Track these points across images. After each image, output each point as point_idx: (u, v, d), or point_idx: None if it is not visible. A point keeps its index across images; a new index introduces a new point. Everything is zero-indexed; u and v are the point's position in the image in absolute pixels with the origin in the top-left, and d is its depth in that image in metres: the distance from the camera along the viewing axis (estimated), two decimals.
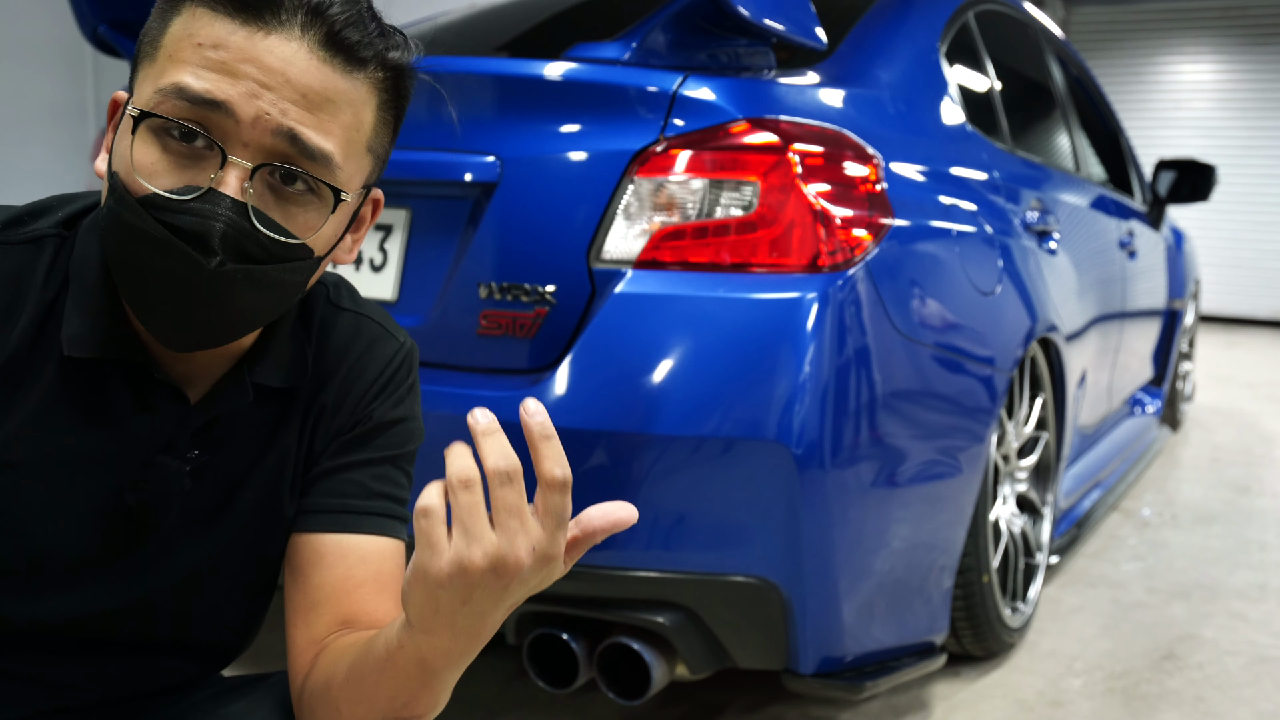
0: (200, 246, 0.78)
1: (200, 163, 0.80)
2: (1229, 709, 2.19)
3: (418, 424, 1.04)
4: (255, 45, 0.79)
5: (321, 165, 0.82)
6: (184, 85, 0.79)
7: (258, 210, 0.81)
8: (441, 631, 0.75)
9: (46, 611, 0.91)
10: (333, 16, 0.81)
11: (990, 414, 2.06)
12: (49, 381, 0.86)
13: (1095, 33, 10.73)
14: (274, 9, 0.80)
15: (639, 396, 1.60)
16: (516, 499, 0.72)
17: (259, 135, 0.80)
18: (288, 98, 0.80)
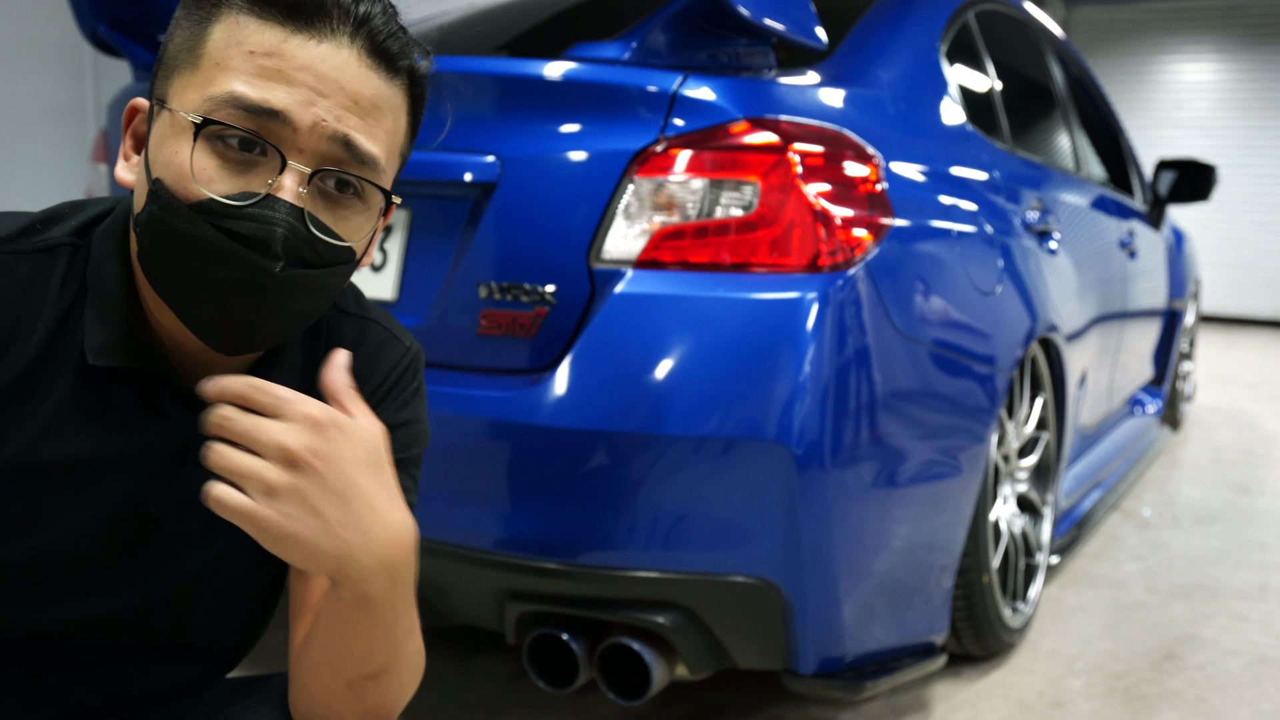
0: (263, 251, 0.80)
1: (254, 169, 0.81)
2: (1229, 709, 2.19)
3: (423, 427, 1.04)
4: (309, 52, 0.81)
5: (370, 169, 0.84)
6: (240, 94, 0.79)
7: (312, 215, 0.82)
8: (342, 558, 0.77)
9: (54, 616, 0.91)
10: (376, 26, 0.83)
11: (990, 414, 2.06)
12: (65, 389, 0.87)
13: (1095, 33, 10.73)
14: (324, 17, 0.81)
15: (639, 396, 1.60)
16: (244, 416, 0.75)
17: (315, 141, 0.81)
18: (341, 104, 0.82)
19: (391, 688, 0.88)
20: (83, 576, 0.91)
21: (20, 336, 0.85)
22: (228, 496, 0.74)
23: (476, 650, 2.24)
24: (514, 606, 1.71)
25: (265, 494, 0.74)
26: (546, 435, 1.61)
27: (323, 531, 0.75)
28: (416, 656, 0.90)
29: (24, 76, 4.03)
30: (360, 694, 0.86)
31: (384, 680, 0.86)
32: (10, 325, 0.85)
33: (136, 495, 0.90)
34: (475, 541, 1.68)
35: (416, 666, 0.91)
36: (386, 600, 0.80)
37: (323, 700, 0.88)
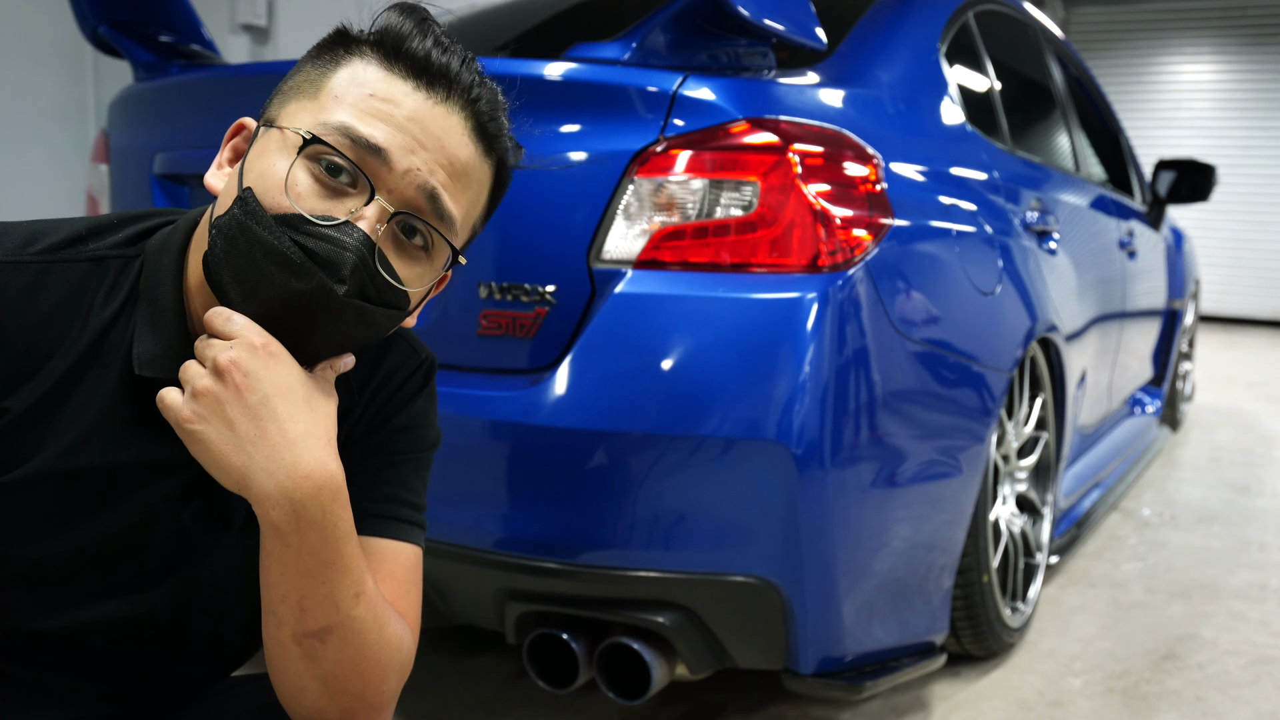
0: (332, 273, 0.83)
1: (340, 198, 0.86)
2: (1229, 709, 2.19)
3: (434, 429, 1.07)
4: (424, 110, 0.88)
5: (447, 226, 0.90)
6: (350, 126, 0.85)
7: (381, 252, 0.86)
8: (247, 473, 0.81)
9: (67, 617, 0.92)
10: (484, 109, 0.92)
11: (990, 414, 2.06)
12: (108, 396, 0.88)
13: (1095, 33, 10.73)
14: (446, 86, 0.89)
15: (639, 396, 1.60)
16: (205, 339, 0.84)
17: (404, 186, 0.87)
18: (438, 160, 0.88)
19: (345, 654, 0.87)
20: (100, 578, 0.92)
21: (65, 343, 0.87)
22: (166, 393, 0.83)
23: (476, 650, 2.24)
24: (514, 606, 1.71)
25: (191, 395, 0.81)
26: (546, 435, 1.62)
27: (231, 443, 0.81)
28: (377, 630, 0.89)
29: (25, 77, 4.03)
30: (310, 654, 0.86)
31: (331, 643, 0.86)
32: (58, 333, 0.87)
33: (171, 503, 0.92)
34: (475, 541, 1.68)
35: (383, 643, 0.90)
36: (296, 534, 0.82)
37: (280, 662, 0.88)
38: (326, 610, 0.85)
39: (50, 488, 0.87)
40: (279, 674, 0.89)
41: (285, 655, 0.88)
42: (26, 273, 0.87)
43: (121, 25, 2.31)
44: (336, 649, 0.87)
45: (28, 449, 0.86)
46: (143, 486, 0.90)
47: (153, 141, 2.22)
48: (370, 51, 0.89)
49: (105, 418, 0.88)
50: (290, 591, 0.85)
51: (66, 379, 0.87)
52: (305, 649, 0.86)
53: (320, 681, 0.88)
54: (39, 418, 0.86)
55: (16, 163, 4.00)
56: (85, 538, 0.89)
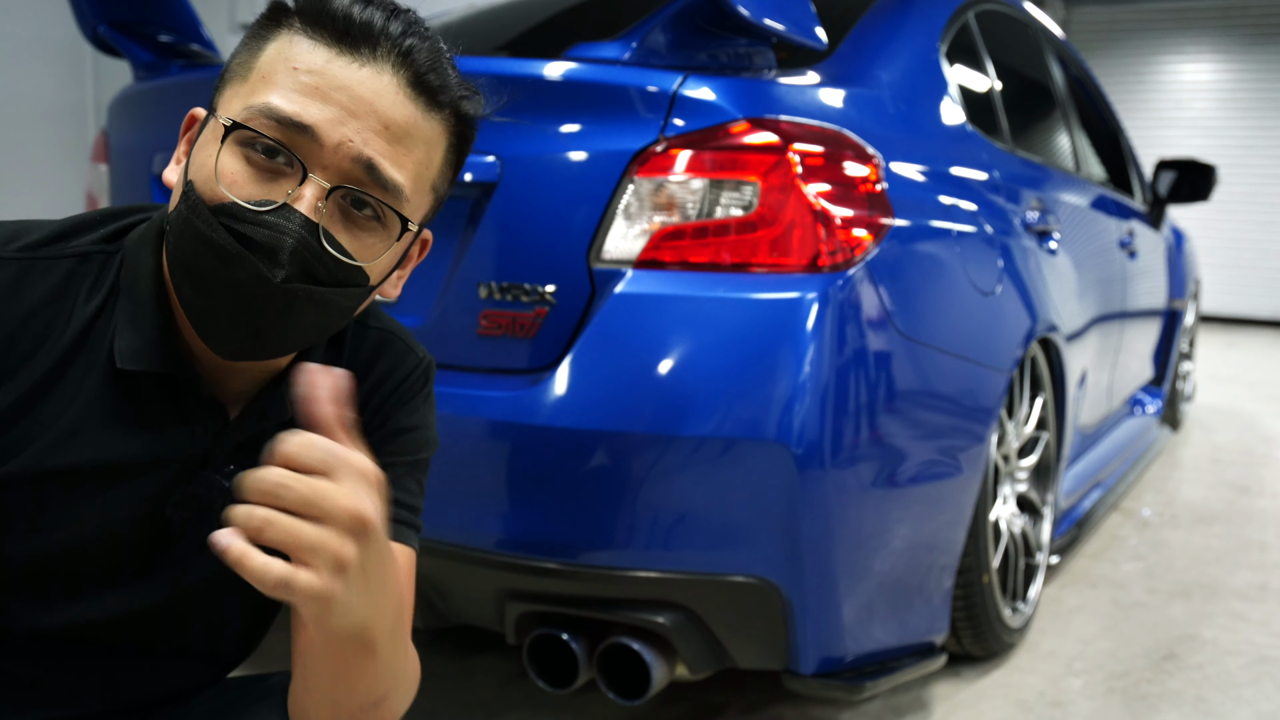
0: (269, 260, 0.81)
1: (278, 179, 0.83)
2: (1229, 709, 2.19)
3: (431, 434, 1.06)
4: (349, 75, 0.83)
5: (392, 195, 0.86)
6: (274, 106, 0.82)
7: (326, 231, 0.84)
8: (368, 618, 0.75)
9: (61, 614, 0.92)
10: (420, 61, 0.86)
11: (990, 414, 2.06)
12: (92, 392, 0.88)
13: (1095, 33, 10.73)
14: (371, 44, 0.84)
15: (639, 396, 1.60)
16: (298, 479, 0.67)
17: (339, 160, 0.83)
18: (371, 128, 0.84)
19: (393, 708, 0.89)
20: (94, 577, 0.92)
21: (49, 339, 0.87)
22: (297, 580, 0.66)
23: (476, 650, 2.24)
24: (514, 606, 1.71)
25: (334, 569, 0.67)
26: (546, 435, 1.61)
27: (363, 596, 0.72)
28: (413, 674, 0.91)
29: (24, 77, 4.02)
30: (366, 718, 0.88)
31: (385, 705, 0.88)
32: (42, 329, 0.86)
33: (156, 498, 0.92)
34: (475, 541, 1.68)
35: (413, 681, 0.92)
36: (387, 643, 0.81)
37: None
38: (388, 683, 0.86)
39: (36, 485, 0.86)
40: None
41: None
42: (8, 270, 0.86)
43: (121, 25, 2.31)
44: (387, 708, 0.88)
45: (13, 446, 0.85)
46: (129, 482, 0.90)
47: (153, 141, 2.22)
48: (297, 22, 0.85)
49: (90, 414, 0.88)
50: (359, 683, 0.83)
51: (51, 375, 0.86)
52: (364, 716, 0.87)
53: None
54: (23, 414, 0.85)
55: (16, 163, 4.00)
56: (74, 535, 0.89)
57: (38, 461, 0.86)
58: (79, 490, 0.88)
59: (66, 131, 4.16)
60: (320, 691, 0.86)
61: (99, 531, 0.90)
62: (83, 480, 0.88)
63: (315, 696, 0.87)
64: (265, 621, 1.08)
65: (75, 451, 0.87)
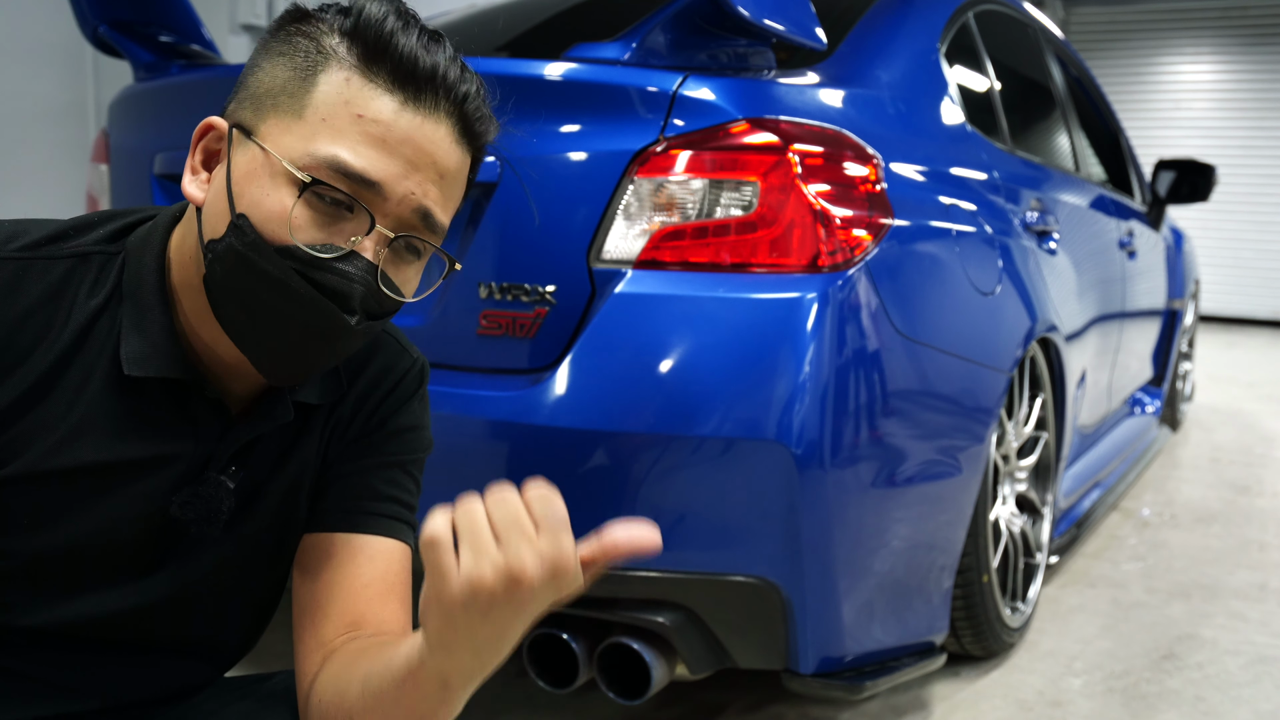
0: (343, 305, 0.84)
1: (339, 223, 0.85)
2: (1229, 709, 2.19)
3: (427, 434, 1.07)
4: (414, 128, 0.85)
5: (437, 236, 0.89)
6: (345, 162, 0.83)
7: (384, 274, 0.86)
8: (462, 651, 0.74)
9: (62, 612, 0.92)
10: (470, 109, 0.88)
11: (990, 414, 2.06)
12: (94, 393, 0.88)
13: (1095, 33, 10.73)
14: (433, 92, 0.85)
15: (639, 396, 1.60)
16: (514, 510, 0.70)
17: (400, 210, 0.86)
18: (430, 179, 0.87)
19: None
20: (95, 575, 0.92)
21: (48, 338, 0.87)
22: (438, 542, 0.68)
23: None
24: None
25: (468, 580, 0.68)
26: (547, 435, 1.62)
27: (469, 632, 0.72)
28: None
29: (25, 77, 4.02)
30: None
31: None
32: (40, 329, 0.87)
33: (160, 499, 0.92)
34: None
35: None
36: (464, 690, 0.80)
37: None
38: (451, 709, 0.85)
39: (37, 484, 0.87)
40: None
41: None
42: (7, 269, 0.86)
43: (121, 25, 2.31)
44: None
45: (13, 445, 0.85)
46: (133, 482, 0.90)
47: (153, 141, 2.22)
48: (347, 53, 0.84)
49: (94, 415, 0.88)
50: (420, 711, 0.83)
51: (50, 374, 0.86)
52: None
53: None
54: (23, 413, 0.86)
55: (16, 163, 4.00)
56: (76, 534, 0.89)
57: (40, 461, 0.86)
58: (81, 490, 0.88)
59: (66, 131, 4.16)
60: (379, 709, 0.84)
61: (101, 530, 0.90)
62: (85, 480, 0.88)
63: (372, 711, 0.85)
64: (264, 620, 1.08)
65: (79, 452, 0.87)
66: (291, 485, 0.99)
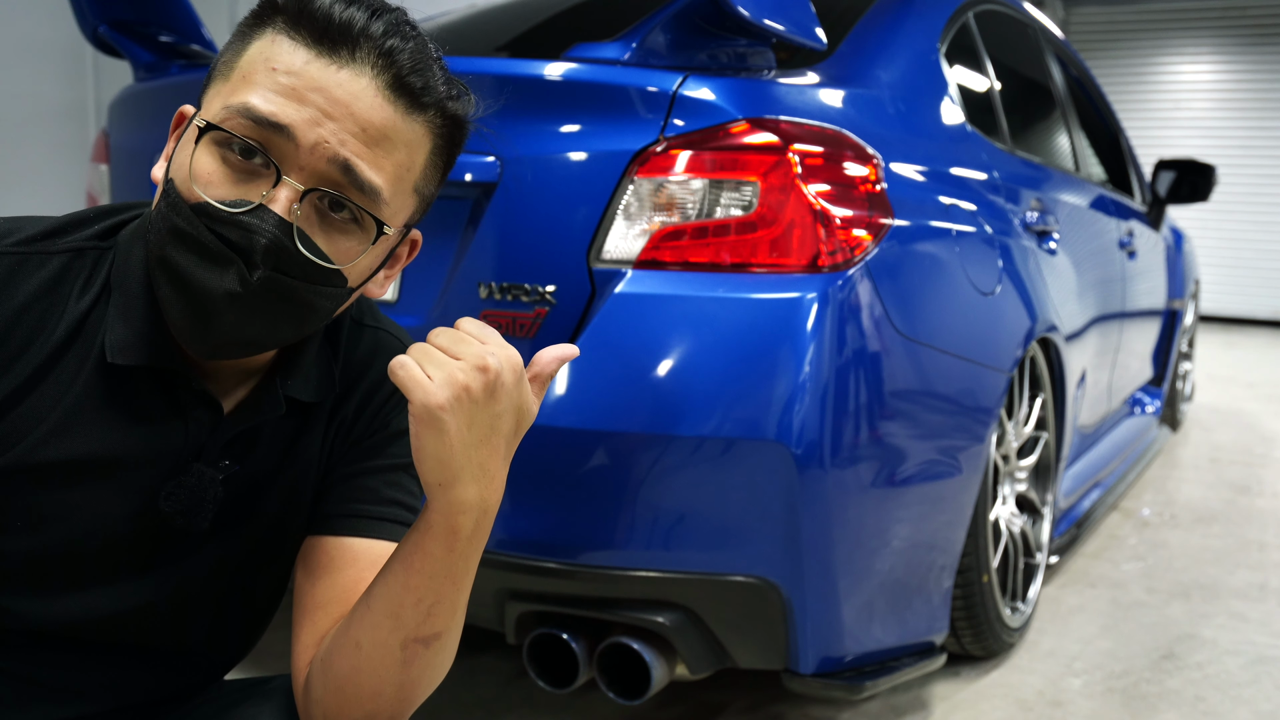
0: (244, 258, 0.82)
1: (255, 180, 0.84)
2: (1229, 709, 2.19)
3: None
4: (327, 76, 0.83)
5: (369, 198, 0.86)
6: (251, 105, 0.82)
7: (301, 232, 0.84)
8: (461, 474, 0.81)
9: (59, 612, 0.92)
10: (402, 61, 0.85)
11: (990, 414, 2.06)
12: (84, 387, 0.88)
13: (1095, 33, 10.73)
14: (351, 46, 0.84)
15: (639, 397, 1.60)
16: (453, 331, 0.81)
17: (315, 161, 0.83)
18: (348, 129, 0.84)
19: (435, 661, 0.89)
20: (91, 574, 0.92)
21: (42, 334, 0.87)
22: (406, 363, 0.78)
23: (476, 650, 2.24)
24: (514, 606, 1.71)
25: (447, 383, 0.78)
26: (546, 435, 1.62)
27: (462, 443, 0.79)
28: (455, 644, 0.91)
29: (25, 77, 4.02)
30: (410, 657, 0.87)
31: (434, 648, 0.88)
32: (35, 323, 0.87)
33: (150, 492, 0.92)
34: None
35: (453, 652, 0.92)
36: (468, 542, 0.83)
37: (371, 661, 0.87)
38: (448, 616, 0.86)
39: (28, 479, 0.86)
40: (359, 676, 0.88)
41: (383, 659, 0.87)
42: (2, 265, 0.86)
43: (121, 25, 2.31)
44: (434, 655, 0.88)
45: (5, 439, 0.85)
46: (123, 475, 0.90)
47: (153, 141, 2.22)
48: (280, 21, 0.85)
49: (83, 408, 0.88)
50: (428, 594, 0.84)
51: (43, 369, 0.87)
52: (409, 653, 0.87)
53: (399, 687, 0.88)
54: (15, 407, 0.86)
55: (16, 163, 4.00)
56: (69, 529, 0.89)
57: (30, 455, 0.86)
58: (73, 484, 0.88)
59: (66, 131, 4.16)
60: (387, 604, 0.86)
61: (95, 526, 0.90)
62: (76, 474, 0.88)
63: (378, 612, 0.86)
64: (264, 621, 1.08)
65: (68, 446, 0.87)
66: (292, 485, 0.99)
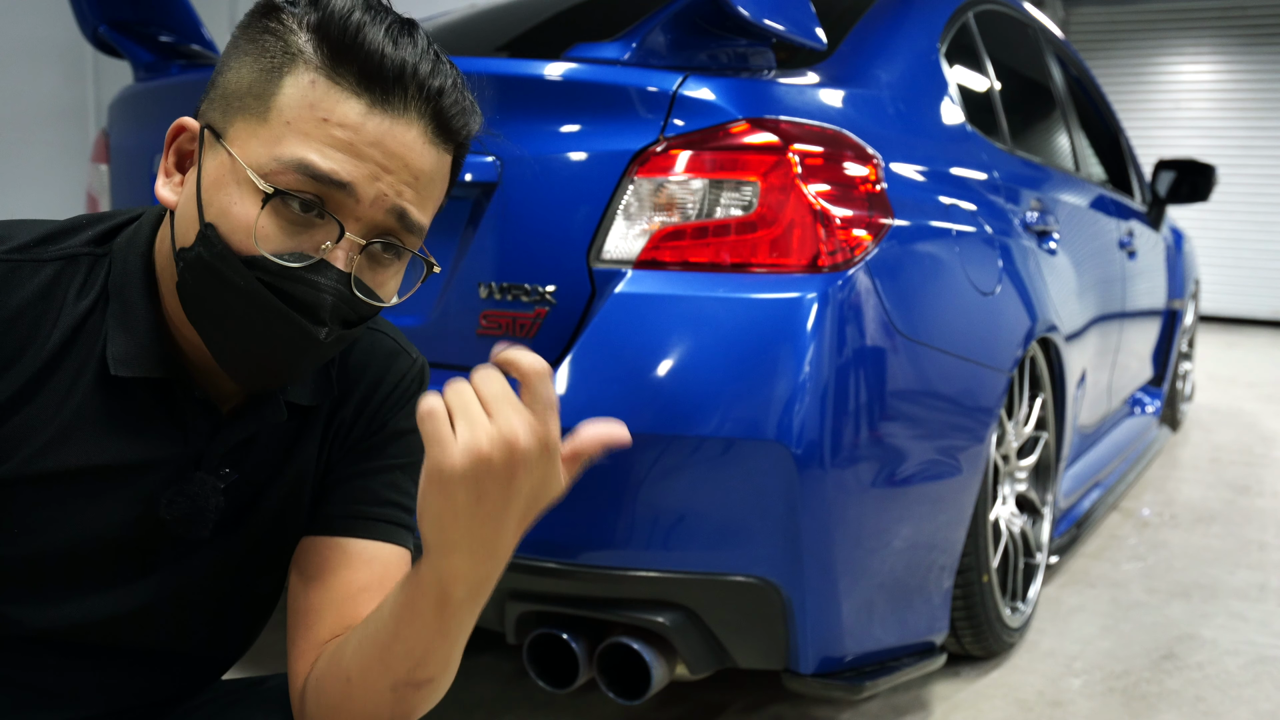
0: (312, 317, 0.82)
1: (309, 230, 0.82)
2: (1228, 709, 2.19)
3: None
4: (382, 131, 0.82)
5: (416, 236, 0.87)
6: (312, 164, 0.81)
7: (359, 280, 0.84)
8: (461, 544, 0.76)
9: (57, 617, 0.92)
10: (445, 105, 0.85)
11: (990, 414, 2.06)
12: (83, 395, 0.87)
13: (1095, 33, 10.73)
14: (403, 91, 0.82)
15: (639, 396, 1.60)
16: (501, 387, 0.76)
17: (373, 213, 0.83)
18: (404, 180, 0.84)
19: (428, 699, 0.89)
20: (90, 579, 0.92)
21: (36, 341, 0.86)
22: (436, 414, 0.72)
23: (476, 650, 2.25)
24: (514, 606, 1.71)
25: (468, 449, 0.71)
26: None
27: (468, 514, 0.73)
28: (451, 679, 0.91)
29: (25, 77, 4.02)
30: (400, 698, 0.87)
31: (426, 690, 0.87)
32: (28, 331, 0.86)
33: (150, 500, 0.91)
34: None
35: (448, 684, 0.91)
36: (460, 608, 0.81)
37: (361, 697, 0.87)
38: (440, 666, 0.86)
39: (27, 488, 0.86)
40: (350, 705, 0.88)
41: (374, 697, 0.87)
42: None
43: (121, 25, 2.31)
44: (426, 696, 0.88)
45: (3, 450, 0.85)
46: (123, 484, 0.90)
47: (153, 142, 2.22)
48: (313, 51, 0.81)
49: (82, 417, 0.87)
50: (417, 647, 0.83)
51: (39, 377, 0.86)
52: (399, 694, 0.86)
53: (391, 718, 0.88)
54: (11, 416, 0.85)
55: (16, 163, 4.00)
56: (69, 538, 0.89)
57: (30, 465, 0.85)
58: (72, 493, 0.88)
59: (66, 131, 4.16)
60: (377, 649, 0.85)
61: (94, 533, 0.90)
62: (76, 483, 0.88)
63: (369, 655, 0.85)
64: (261, 622, 1.08)
65: (68, 455, 0.87)
66: (290, 488, 0.99)
